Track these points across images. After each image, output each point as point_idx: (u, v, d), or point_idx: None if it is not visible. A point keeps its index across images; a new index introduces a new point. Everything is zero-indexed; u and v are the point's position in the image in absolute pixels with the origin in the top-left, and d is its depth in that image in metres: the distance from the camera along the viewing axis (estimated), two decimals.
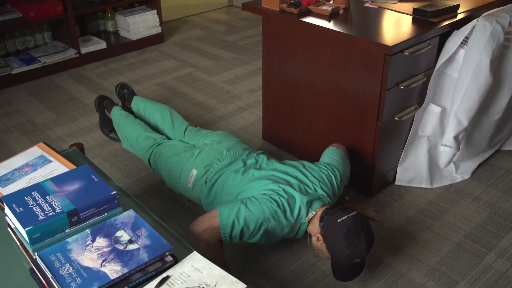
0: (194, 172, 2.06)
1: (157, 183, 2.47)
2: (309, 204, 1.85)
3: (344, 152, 2.15)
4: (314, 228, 1.82)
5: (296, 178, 1.94)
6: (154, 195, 2.39)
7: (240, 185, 1.94)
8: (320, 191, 1.92)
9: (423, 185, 2.41)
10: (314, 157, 2.42)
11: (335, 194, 2.00)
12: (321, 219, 1.80)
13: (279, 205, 1.80)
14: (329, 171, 2.00)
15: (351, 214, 1.76)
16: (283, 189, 1.85)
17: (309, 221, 1.85)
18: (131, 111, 2.67)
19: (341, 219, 1.75)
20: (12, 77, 3.45)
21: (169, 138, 2.39)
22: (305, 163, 2.05)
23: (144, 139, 2.33)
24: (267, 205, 1.78)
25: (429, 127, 2.29)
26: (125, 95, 2.77)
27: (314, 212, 1.85)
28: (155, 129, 2.47)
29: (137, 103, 2.62)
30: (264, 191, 1.85)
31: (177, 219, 2.23)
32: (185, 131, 2.36)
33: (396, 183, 2.42)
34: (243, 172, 1.99)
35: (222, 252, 1.79)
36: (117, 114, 2.57)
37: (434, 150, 2.38)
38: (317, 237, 1.80)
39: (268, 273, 1.96)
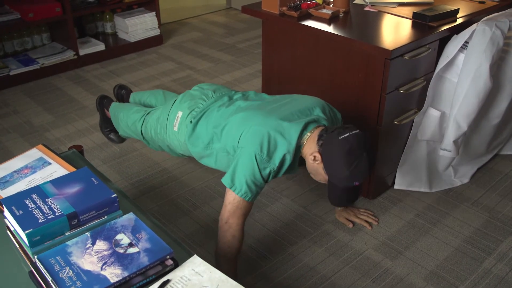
0: (180, 113, 1.98)
1: (156, 185, 2.46)
2: (305, 127, 1.73)
3: None
4: (310, 148, 1.71)
5: (286, 104, 1.83)
6: (152, 198, 2.38)
7: (224, 116, 1.84)
8: (314, 114, 1.81)
9: (422, 189, 2.41)
10: None
11: (331, 121, 1.88)
12: (320, 137, 1.69)
13: (271, 143, 1.69)
14: (321, 101, 1.91)
15: (353, 132, 1.65)
16: (272, 122, 1.72)
17: (304, 144, 1.74)
18: None
19: (343, 136, 1.63)
20: (10, 78, 3.44)
21: None
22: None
23: (135, 112, 2.29)
24: (261, 148, 1.67)
25: (428, 131, 2.29)
26: (123, 95, 2.77)
27: (309, 134, 1.73)
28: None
29: (133, 97, 2.61)
30: (251, 133, 1.71)
31: (176, 222, 2.23)
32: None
33: (395, 187, 2.42)
34: (228, 105, 1.89)
35: (241, 246, 1.80)
36: (113, 105, 2.54)
37: (433, 154, 2.38)
38: (314, 156, 1.69)
39: (267, 277, 1.95)
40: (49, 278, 1.15)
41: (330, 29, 2.15)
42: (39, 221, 1.24)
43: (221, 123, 1.84)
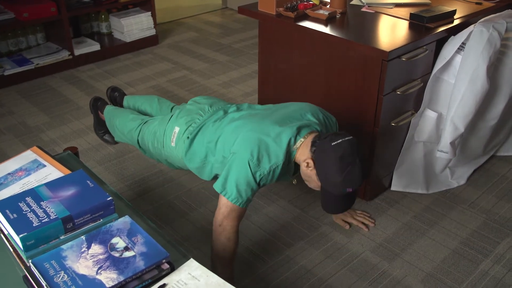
0: (177, 129, 1.98)
1: (152, 187, 2.45)
2: (297, 131, 1.72)
3: None
4: (304, 154, 1.70)
5: (278, 110, 1.84)
6: (148, 200, 2.37)
7: (218, 129, 1.85)
8: (306, 118, 1.81)
9: (419, 191, 2.41)
10: None
11: (325, 126, 1.87)
12: (313, 143, 1.68)
13: (262, 148, 1.69)
14: (313, 106, 1.91)
15: (346, 138, 1.63)
16: (264, 128, 1.73)
17: (297, 149, 1.72)
18: None
19: (336, 142, 1.61)
20: (4, 79, 3.41)
21: None
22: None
23: (131, 120, 2.29)
24: (251, 153, 1.67)
25: (425, 133, 2.28)
26: (117, 98, 2.75)
27: (302, 139, 1.72)
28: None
29: (127, 101, 2.60)
30: (242, 139, 1.72)
31: (172, 224, 2.21)
32: (171, 110, 2.32)
33: (392, 188, 2.41)
34: (222, 118, 1.90)
35: (236, 249, 1.79)
36: (108, 109, 2.53)
37: (430, 155, 2.37)
38: (307, 163, 1.67)
39: (264, 279, 1.94)
40: (43, 283, 1.13)
41: (327, 30, 2.14)
42: (34, 225, 1.22)
43: (215, 136, 1.85)
